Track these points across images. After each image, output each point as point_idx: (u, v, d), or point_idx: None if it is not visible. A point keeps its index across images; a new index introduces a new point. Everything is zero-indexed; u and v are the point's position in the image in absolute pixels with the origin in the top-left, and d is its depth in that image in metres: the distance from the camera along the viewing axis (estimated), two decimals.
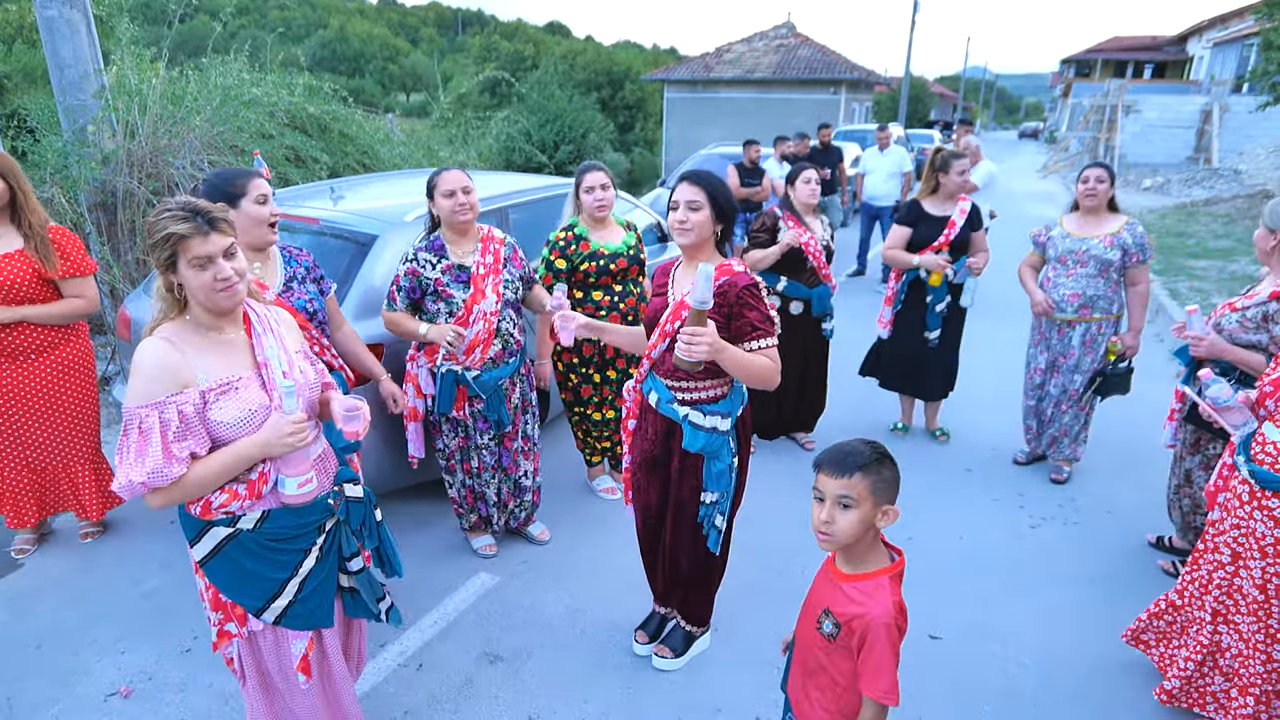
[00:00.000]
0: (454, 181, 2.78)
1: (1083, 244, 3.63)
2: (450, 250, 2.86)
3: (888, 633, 1.51)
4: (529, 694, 2.53)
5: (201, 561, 1.74)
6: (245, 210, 2.34)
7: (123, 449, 1.59)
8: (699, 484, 2.37)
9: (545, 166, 13.18)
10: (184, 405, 1.61)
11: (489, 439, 3.03)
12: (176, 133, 5.12)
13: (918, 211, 4.10)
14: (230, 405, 1.66)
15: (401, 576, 2.14)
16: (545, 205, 4.25)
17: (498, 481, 3.14)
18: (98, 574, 3.12)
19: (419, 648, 2.73)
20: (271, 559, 1.75)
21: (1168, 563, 3.25)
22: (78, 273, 2.97)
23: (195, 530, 1.73)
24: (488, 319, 2.84)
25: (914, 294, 4.18)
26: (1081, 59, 42.49)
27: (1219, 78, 24.52)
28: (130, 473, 1.57)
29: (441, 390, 2.89)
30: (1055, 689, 2.58)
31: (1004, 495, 3.86)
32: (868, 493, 1.51)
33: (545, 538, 3.37)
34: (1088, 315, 3.68)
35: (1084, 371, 3.77)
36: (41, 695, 2.48)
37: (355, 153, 6.65)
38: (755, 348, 2.17)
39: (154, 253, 1.62)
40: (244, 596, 1.76)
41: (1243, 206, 12.61)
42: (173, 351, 1.62)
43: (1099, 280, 3.62)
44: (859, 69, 23.19)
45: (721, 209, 2.24)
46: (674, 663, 2.64)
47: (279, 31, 7.64)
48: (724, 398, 2.33)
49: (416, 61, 64.96)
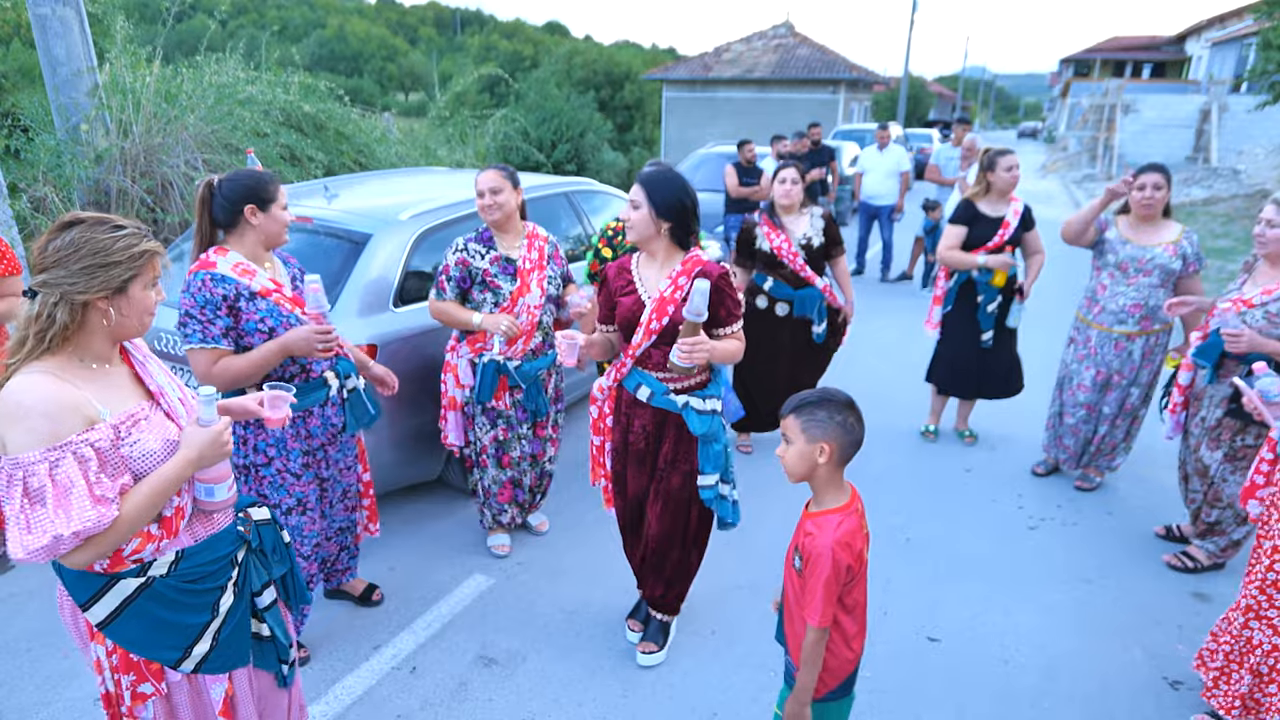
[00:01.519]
0: (482, 182, 2.88)
1: (1146, 253, 3.42)
2: (498, 242, 2.96)
3: (823, 560, 1.66)
4: (524, 697, 2.50)
5: (103, 624, 1.51)
6: (274, 215, 2.32)
7: (26, 506, 1.34)
8: (692, 469, 2.44)
9: (543, 165, 13.15)
10: (99, 442, 1.41)
11: (526, 428, 3.12)
12: (170, 131, 5.10)
13: (972, 211, 4.02)
14: (146, 436, 1.50)
15: (308, 603, 2.09)
16: (544, 204, 4.23)
17: (531, 468, 3.24)
18: None
19: (412, 650, 2.70)
20: (189, 602, 1.57)
21: (1172, 556, 3.24)
22: (9, 272, 2.94)
23: (93, 590, 1.49)
24: (531, 312, 2.94)
25: (964, 295, 4.09)
26: (1080, 59, 42.51)
27: (1217, 77, 24.53)
28: (55, 528, 1.33)
29: (483, 380, 2.95)
30: (1054, 689, 2.56)
31: (1003, 496, 3.84)
32: (799, 431, 1.70)
33: (544, 529, 3.42)
34: (1149, 327, 3.49)
35: (1141, 385, 3.59)
36: (30, 699, 2.46)
37: (351, 151, 6.62)
38: (728, 332, 2.38)
39: (103, 273, 1.42)
40: (160, 650, 1.56)
41: (1241, 206, 12.60)
42: (67, 386, 1.41)
43: (1160, 290, 3.43)
44: (858, 69, 23.16)
45: (659, 207, 2.30)
46: (658, 656, 2.68)
47: (276, 30, 7.61)
48: (711, 381, 2.46)
49: (415, 61, 64.91)
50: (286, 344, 2.26)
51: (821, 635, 1.71)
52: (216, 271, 2.23)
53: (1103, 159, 21.50)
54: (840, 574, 1.67)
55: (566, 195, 4.52)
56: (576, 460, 3.99)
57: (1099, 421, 3.73)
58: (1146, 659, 2.71)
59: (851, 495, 1.77)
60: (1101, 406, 3.70)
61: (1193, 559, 3.21)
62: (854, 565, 1.69)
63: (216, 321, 2.21)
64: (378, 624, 2.82)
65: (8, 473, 1.36)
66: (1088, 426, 3.77)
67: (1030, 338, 4.91)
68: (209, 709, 1.67)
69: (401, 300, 3.28)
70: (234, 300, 2.23)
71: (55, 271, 1.41)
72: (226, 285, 2.22)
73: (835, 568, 1.66)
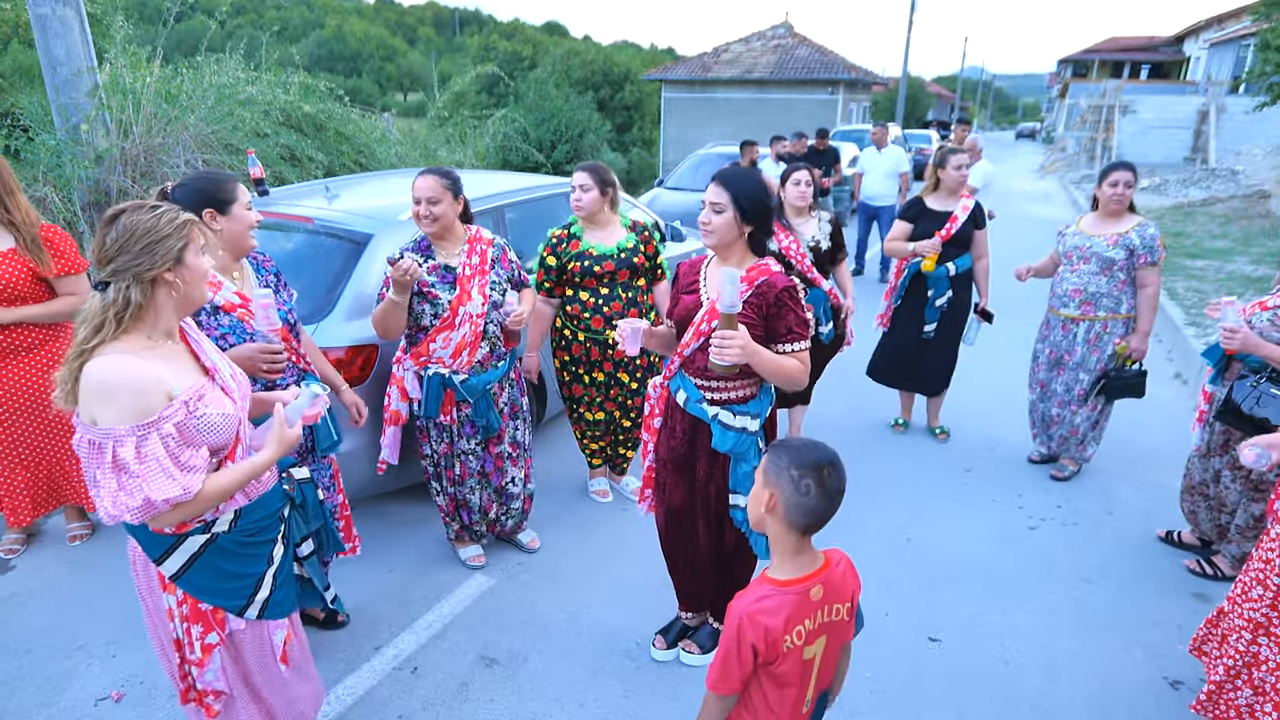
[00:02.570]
0: (419, 190, 2.70)
1: (1088, 241, 3.64)
2: (436, 250, 2.81)
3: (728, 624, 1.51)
4: (525, 698, 2.50)
5: (175, 575, 1.70)
6: (236, 215, 2.21)
7: (117, 472, 1.50)
8: (725, 484, 2.36)
9: (542, 166, 13.15)
10: (177, 416, 1.56)
11: (475, 444, 2.95)
12: (171, 131, 5.09)
13: (919, 207, 4.15)
14: (209, 411, 1.63)
15: (344, 550, 2.22)
16: (543, 204, 4.23)
17: (481, 488, 3.05)
18: (89, 576, 3.09)
19: (413, 651, 2.70)
20: (249, 554, 1.76)
21: (1193, 561, 3.25)
22: (72, 270, 2.97)
23: (164, 547, 1.67)
24: (474, 321, 2.78)
25: (915, 289, 4.19)
26: (1078, 59, 42.55)
27: (1215, 78, 24.57)
28: (147, 491, 1.50)
29: (428, 393, 2.81)
30: (1054, 690, 2.56)
31: (1002, 496, 3.84)
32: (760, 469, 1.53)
33: (535, 546, 3.31)
34: (1090, 313, 3.67)
35: (1089, 370, 3.74)
36: (31, 700, 2.45)
37: (351, 152, 6.62)
38: (788, 350, 2.19)
39: (161, 247, 1.54)
40: (226, 598, 1.75)
41: (1239, 207, 12.61)
42: (148, 364, 1.55)
43: (1100, 278, 3.61)
44: (857, 69, 23.18)
45: (746, 211, 2.18)
46: (702, 658, 2.65)
47: (276, 31, 7.59)
48: (753, 398, 2.32)
49: (414, 61, 64.89)
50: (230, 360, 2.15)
51: (718, 699, 1.54)
52: None
53: (1101, 159, 21.53)
54: (743, 649, 1.46)
55: (566, 196, 4.51)
56: (577, 461, 3.99)
57: (1051, 400, 3.92)
58: (1147, 659, 2.71)
59: (811, 573, 1.51)
60: (1053, 384, 3.90)
61: (1216, 568, 3.18)
62: (760, 648, 1.46)
63: None
64: (378, 625, 2.82)
65: (98, 442, 1.49)
66: (1044, 405, 3.97)
67: (1015, 334, 4.89)
68: (270, 654, 1.85)
69: None
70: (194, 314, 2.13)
71: (121, 259, 1.53)
72: None
73: (737, 637, 1.46)
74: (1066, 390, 3.84)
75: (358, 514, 3.57)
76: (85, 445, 1.52)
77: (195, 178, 2.25)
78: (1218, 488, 3.10)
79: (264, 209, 3.50)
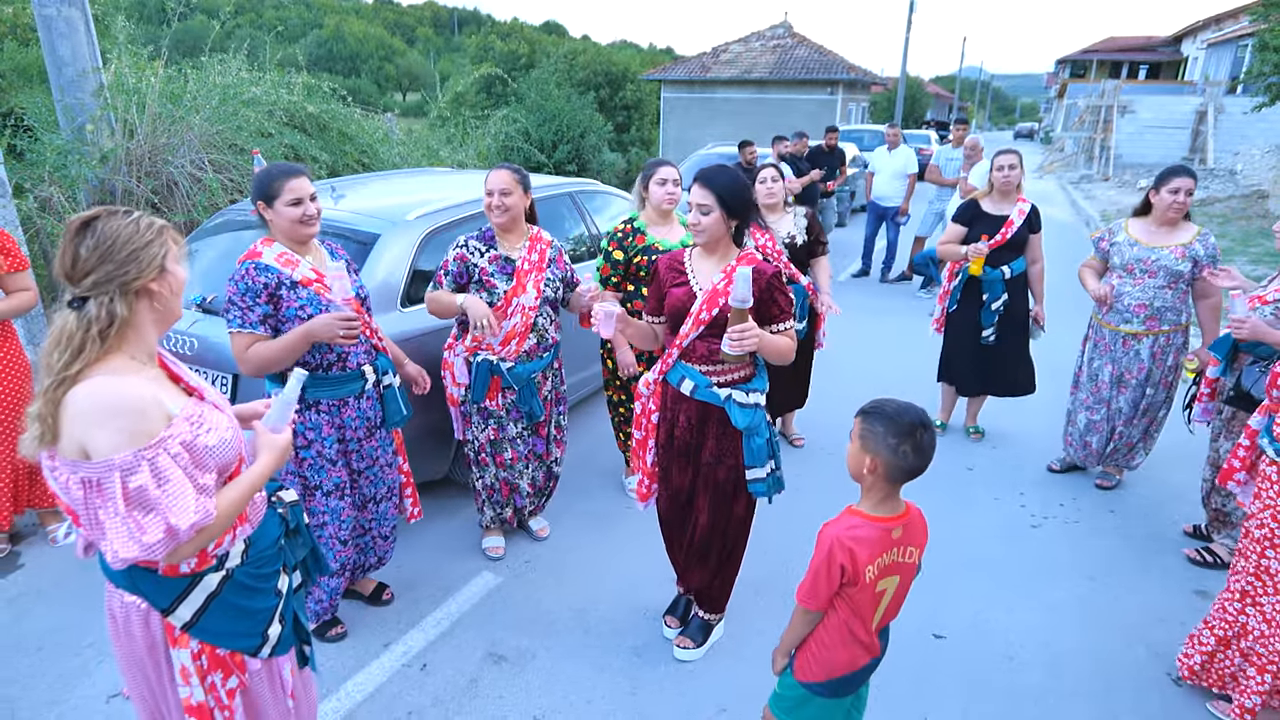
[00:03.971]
0: (492, 182, 2.87)
1: (1152, 254, 3.44)
2: (499, 242, 2.94)
3: (820, 545, 1.71)
4: (534, 694, 2.52)
5: (189, 624, 1.53)
6: (279, 210, 2.38)
7: (126, 507, 1.33)
8: (737, 463, 2.45)
9: (544, 166, 13.16)
10: (184, 435, 1.42)
11: (522, 429, 3.09)
12: (175, 131, 5.10)
13: (974, 210, 4.09)
14: (211, 432, 1.50)
15: (329, 573, 2.08)
16: (546, 205, 4.24)
17: (532, 470, 3.20)
18: (97, 574, 3.07)
19: (423, 648, 2.72)
20: (261, 587, 1.64)
21: (1193, 550, 3.27)
22: (19, 268, 3.00)
23: (176, 592, 1.51)
24: (525, 313, 2.91)
25: (970, 292, 4.13)
26: (1076, 59, 42.62)
27: (1213, 79, 24.61)
28: (177, 519, 1.35)
29: (476, 379, 2.95)
30: (1059, 686, 2.59)
31: (1005, 494, 3.86)
32: (857, 434, 1.72)
33: (544, 534, 3.39)
34: (1155, 327, 3.51)
35: (1155, 384, 3.61)
36: (43, 697, 2.47)
37: (354, 152, 6.63)
38: (780, 329, 2.39)
39: (146, 254, 1.41)
40: (242, 639, 1.62)
41: (1238, 206, 12.66)
42: (141, 383, 1.40)
43: (1167, 292, 3.45)
44: (856, 69, 23.20)
45: (731, 208, 2.33)
46: (695, 653, 2.70)
47: (278, 30, 7.60)
48: (754, 376, 2.47)
49: (412, 61, 64.87)
50: (310, 330, 2.32)
51: (805, 613, 1.76)
52: (261, 260, 2.36)
53: (1100, 160, 21.57)
54: (832, 568, 1.67)
55: (571, 196, 4.54)
56: (583, 458, 4.00)
57: (1115, 419, 3.74)
58: (1150, 656, 2.73)
59: (895, 516, 1.72)
60: (1118, 404, 3.71)
61: (1215, 555, 3.22)
62: (848, 568, 1.66)
63: (255, 308, 2.33)
64: (387, 622, 2.84)
65: (98, 477, 1.32)
66: (1108, 425, 3.77)
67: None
68: (282, 691, 1.74)
69: (409, 300, 3.30)
70: (275, 288, 2.34)
71: (102, 269, 1.38)
72: (269, 274, 2.35)
73: (828, 558, 1.67)
74: (1133, 407, 3.67)
75: None
76: (77, 485, 1.33)
77: (261, 170, 2.43)
78: (1217, 470, 3.15)
79: None
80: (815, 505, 3.61)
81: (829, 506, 3.47)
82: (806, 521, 3.45)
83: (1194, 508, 3.65)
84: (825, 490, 3.83)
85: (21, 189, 4.69)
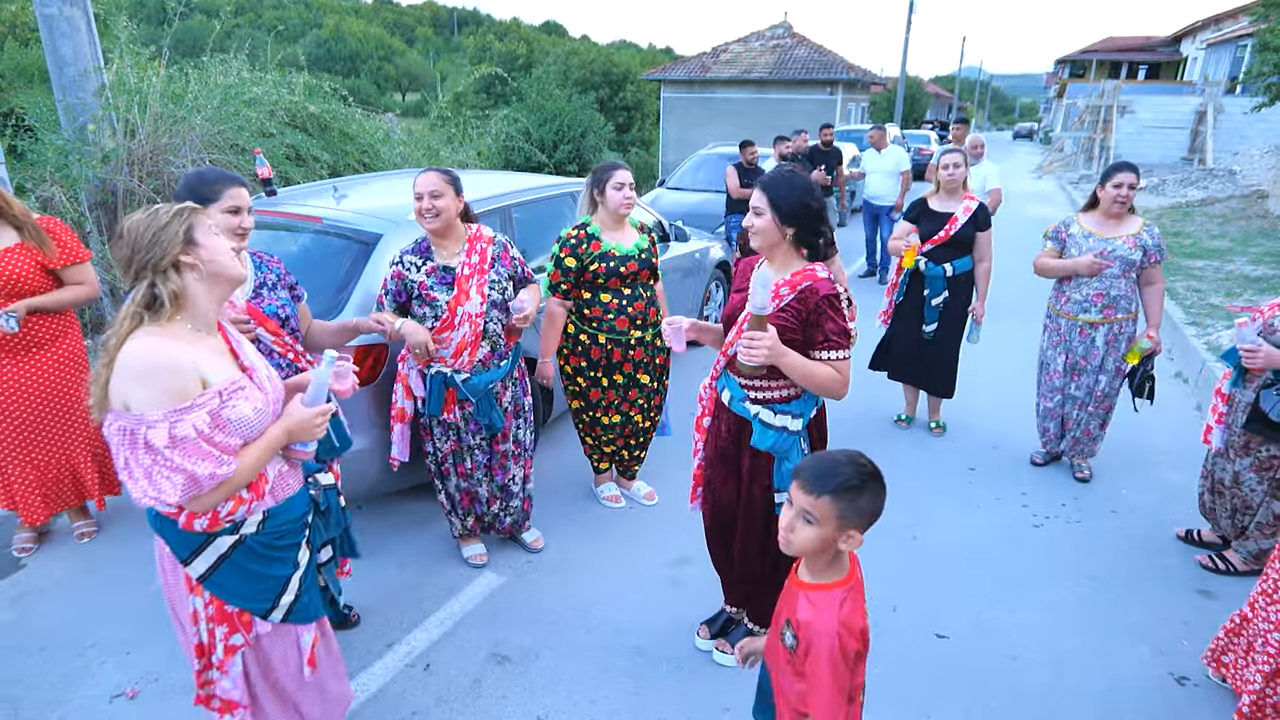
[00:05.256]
0: (420, 185, 2.72)
1: (1107, 244, 3.61)
2: (436, 252, 2.82)
3: (830, 649, 1.45)
4: (537, 694, 2.52)
5: (203, 577, 1.71)
6: (212, 215, 2.27)
7: (154, 456, 1.51)
8: (770, 483, 2.37)
9: (545, 166, 13.15)
10: (211, 404, 1.58)
11: (480, 439, 2.98)
12: (177, 132, 5.10)
13: (921, 207, 4.22)
14: (243, 404, 1.64)
15: (360, 557, 2.21)
16: (549, 205, 4.25)
17: (486, 482, 3.09)
18: (101, 574, 3.11)
19: (425, 648, 2.72)
20: (275, 556, 1.77)
21: (1205, 557, 3.26)
22: (76, 259, 2.99)
23: (193, 546, 1.69)
24: (473, 321, 2.79)
25: (914, 287, 4.25)
26: (1076, 59, 42.67)
27: (1212, 79, 24.63)
28: (195, 468, 1.52)
29: (431, 392, 2.84)
30: (1062, 686, 2.59)
31: (1006, 494, 3.87)
32: (833, 515, 1.46)
33: (539, 546, 3.32)
34: (1111, 315, 3.67)
35: (1108, 371, 3.74)
36: (46, 697, 2.47)
37: (355, 152, 6.63)
38: (823, 358, 2.18)
39: (165, 233, 1.57)
40: (252, 600, 1.76)
41: (1238, 207, 12.66)
42: (185, 347, 1.58)
43: (1121, 280, 3.62)
44: (855, 69, 23.22)
45: (784, 213, 2.21)
46: (734, 658, 2.64)
47: (279, 30, 7.61)
48: (796, 398, 2.32)
49: (412, 61, 64.87)
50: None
51: None
52: None
53: (1099, 160, 21.58)
54: (849, 662, 1.47)
55: (573, 195, 4.54)
56: (581, 463, 4.00)
57: (1070, 405, 3.90)
58: (1153, 656, 2.73)
59: (852, 564, 1.57)
60: (1071, 390, 3.87)
61: (1228, 563, 3.20)
62: (861, 649, 1.50)
63: None
64: (390, 622, 2.84)
65: (129, 428, 1.51)
66: (1060, 410, 3.95)
67: (1016, 333, 4.96)
68: (297, 658, 1.87)
69: None
70: None
71: (136, 258, 1.57)
72: None
73: (844, 656, 1.45)
74: (1086, 393, 3.82)
75: (368, 512, 3.59)
76: (116, 431, 1.52)
77: (192, 172, 2.40)
78: (1238, 490, 3.09)
79: (272, 209, 3.52)
80: None
81: None
82: None
83: (1196, 506, 3.65)
84: None
85: (23, 189, 4.69)
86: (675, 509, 3.62)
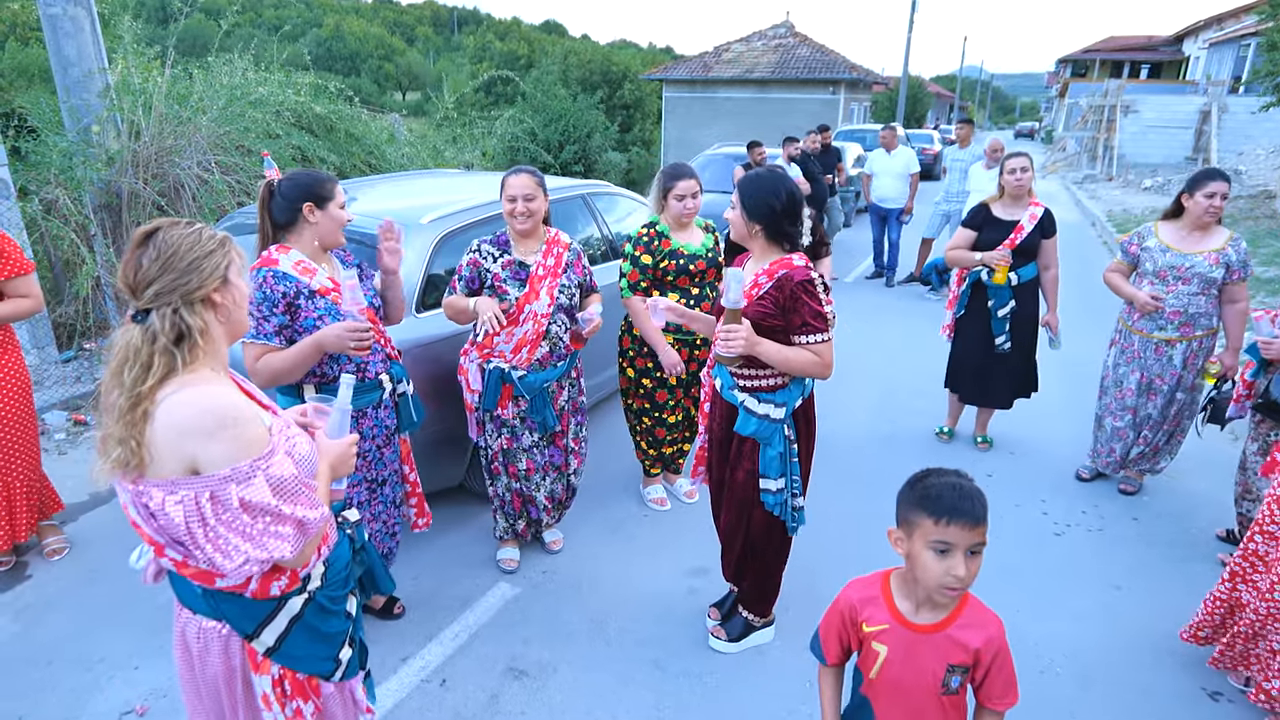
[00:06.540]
0: (514, 188, 2.78)
1: (1185, 260, 3.37)
2: (514, 247, 2.89)
3: (1004, 639, 1.54)
4: (556, 710, 2.47)
5: (271, 649, 1.50)
6: (331, 213, 2.36)
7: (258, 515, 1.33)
8: (754, 469, 2.45)
9: (551, 167, 13.09)
10: (284, 443, 1.44)
11: (537, 438, 3.01)
12: (182, 133, 5.04)
13: (984, 215, 3.99)
14: (300, 441, 1.50)
15: (386, 592, 2.03)
16: (560, 207, 4.19)
17: (550, 482, 3.11)
18: (105, 585, 3.05)
19: (441, 662, 2.66)
20: (336, 610, 1.61)
21: (1226, 555, 3.23)
22: (20, 272, 2.88)
23: (261, 615, 1.48)
24: (538, 320, 2.84)
25: (976, 299, 4.03)
26: (1077, 59, 42.56)
27: (1215, 78, 24.58)
28: (303, 512, 1.37)
29: (487, 387, 2.89)
30: (1089, 698, 2.54)
31: (1026, 501, 3.81)
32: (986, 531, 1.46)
33: (557, 547, 3.31)
34: (1189, 333, 3.44)
35: (1186, 389, 3.55)
36: (55, 713, 2.41)
37: (361, 153, 6.57)
38: (803, 342, 2.27)
39: (209, 262, 1.38)
40: (319, 662, 1.59)
41: (1244, 207, 12.60)
42: (231, 390, 1.40)
43: (1201, 298, 3.39)
44: (857, 68, 23.15)
45: (749, 210, 2.32)
46: (728, 646, 2.72)
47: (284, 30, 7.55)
48: (782, 388, 2.39)
49: (412, 60, 64.84)
50: (320, 341, 2.27)
51: None
52: (278, 269, 2.30)
53: (1103, 159, 21.53)
54: None
55: (584, 198, 4.48)
56: (599, 465, 3.95)
57: (1143, 425, 3.69)
58: (1180, 666, 2.68)
59: None
60: (1146, 410, 3.64)
61: None
62: None
63: (272, 318, 2.27)
64: (405, 635, 2.79)
65: (213, 492, 1.30)
66: (1133, 431, 3.71)
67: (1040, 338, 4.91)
68: (355, 711, 1.72)
69: (424, 306, 3.24)
70: (293, 298, 2.29)
71: (164, 279, 1.34)
72: (288, 283, 2.29)
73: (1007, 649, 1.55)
74: (1161, 413, 3.61)
75: None
76: (177, 506, 1.29)
77: (301, 174, 2.39)
78: (1244, 475, 3.17)
79: None
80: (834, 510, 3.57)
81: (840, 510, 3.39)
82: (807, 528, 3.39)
83: (1219, 512, 3.60)
84: (841, 496, 3.76)
85: (27, 191, 4.63)
86: (691, 515, 3.57)
